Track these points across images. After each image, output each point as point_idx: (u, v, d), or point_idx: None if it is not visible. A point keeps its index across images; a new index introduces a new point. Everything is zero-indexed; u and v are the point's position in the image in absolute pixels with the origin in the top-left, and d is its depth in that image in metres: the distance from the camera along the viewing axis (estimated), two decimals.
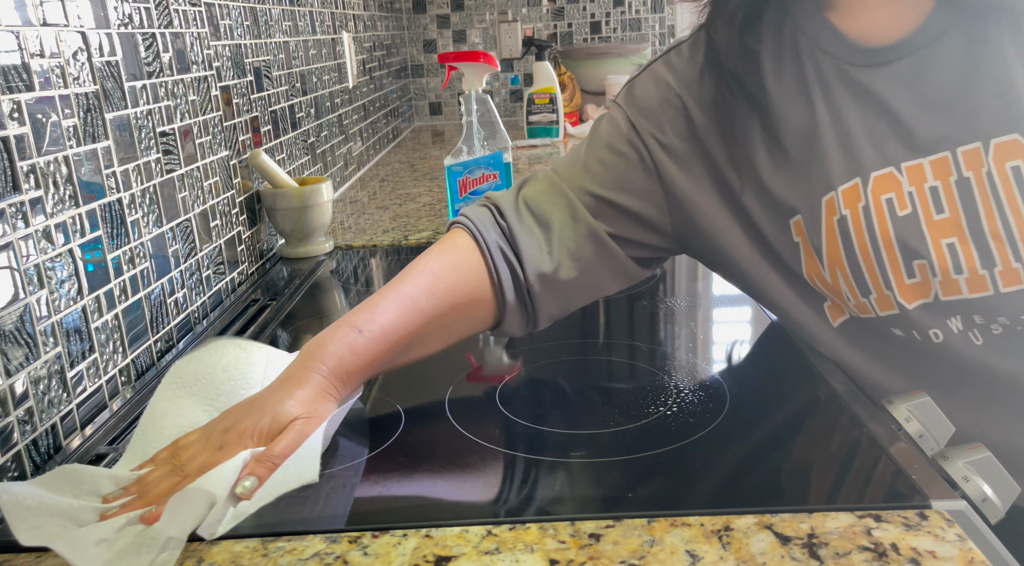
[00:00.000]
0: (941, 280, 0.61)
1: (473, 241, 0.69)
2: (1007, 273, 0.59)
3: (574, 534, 0.48)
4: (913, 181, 0.61)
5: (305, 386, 0.58)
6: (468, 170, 1.21)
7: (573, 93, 2.54)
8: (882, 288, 0.63)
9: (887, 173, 0.62)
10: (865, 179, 0.62)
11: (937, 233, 0.60)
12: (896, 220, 0.61)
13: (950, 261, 0.60)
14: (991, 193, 0.59)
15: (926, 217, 0.61)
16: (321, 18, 1.62)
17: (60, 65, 0.68)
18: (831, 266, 0.64)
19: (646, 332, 0.82)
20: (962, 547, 0.45)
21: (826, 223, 0.64)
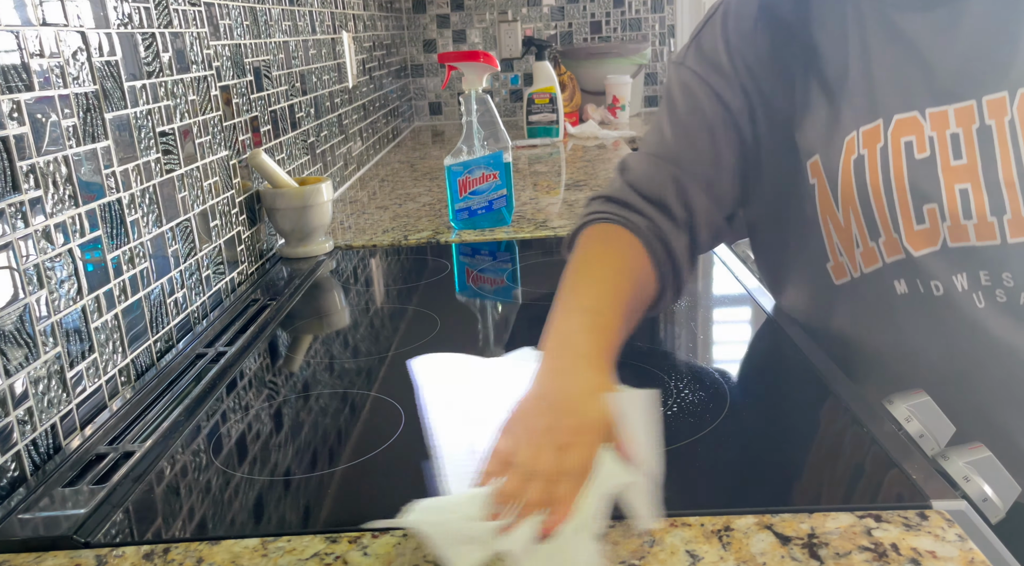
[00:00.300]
0: (950, 225, 0.61)
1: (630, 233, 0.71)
2: (1016, 222, 0.59)
3: None
4: (935, 126, 0.62)
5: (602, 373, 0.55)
6: (468, 170, 1.21)
7: (573, 93, 2.54)
8: (891, 231, 0.64)
9: (911, 117, 0.63)
10: (888, 121, 0.64)
11: (951, 178, 0.61)
12: (912, 163, 0.62)
13: (960, 206, 0.60)
14: (1011, 141, 0.59)
15: (943, 162, 0.61)
16: (321, 18, 1.62)
17: (60, 65, 0.68)
18: (845, 206, 0.65)
19: (646, 332, 0.82)
20: (962, 547, 0.45)
21: (843, 162, 0.65)
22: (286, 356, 0.83)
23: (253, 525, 0.52)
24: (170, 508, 0.55)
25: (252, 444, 0.63)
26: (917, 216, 0.62)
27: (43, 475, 0.60)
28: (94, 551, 0.51)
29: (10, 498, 0.57)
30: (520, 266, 1.08)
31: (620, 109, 2.53)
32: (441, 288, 1.00)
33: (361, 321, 0.91)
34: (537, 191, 1.53)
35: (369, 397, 0.70)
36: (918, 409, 0.60)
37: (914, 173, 0.62)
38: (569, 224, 1.25)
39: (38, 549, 0.51)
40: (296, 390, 0.73)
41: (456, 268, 1.08)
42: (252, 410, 0.69)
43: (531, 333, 0.83)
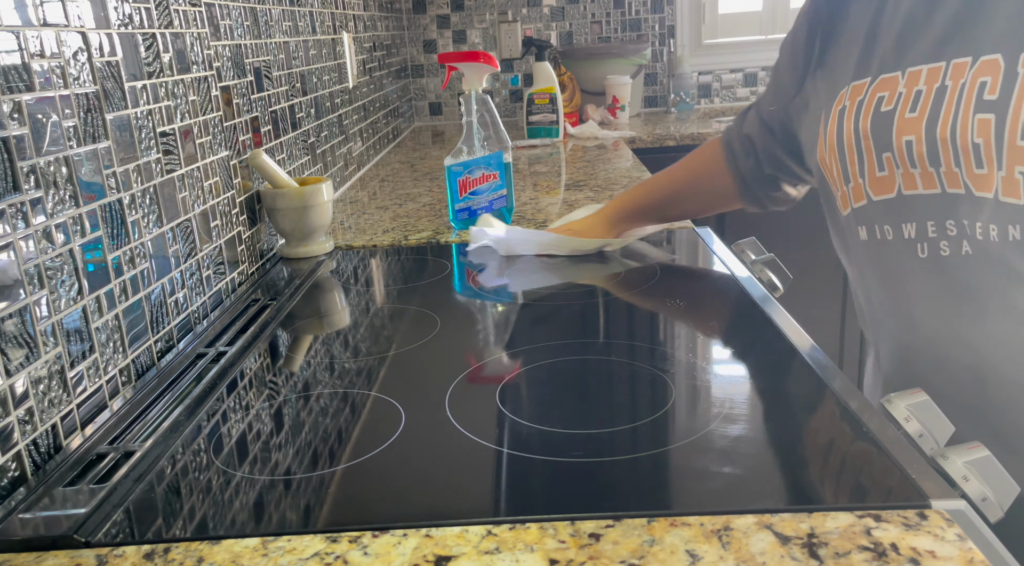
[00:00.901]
0: (902, 173, 0.68)
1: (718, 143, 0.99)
2: (949, 175, 0.65)
3: (574, 534, 0.48)
4: (908, 84, 0.68)
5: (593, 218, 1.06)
6: (468, 170, 1.21)
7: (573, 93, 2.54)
8: (857, 176, 0.72)
9: (893, 76, 0.70)
10: (874, 78, 0.71)
11: (902, 129, 0.67)
12: (878, 115, 0.70)
13: (907, 155, 0.67)
14: (953, 101, 0.64)
15: (900, 113, 0.68)
16: (321, 18, 1.62)
17: (60, 65, 0.68)
18: (828, 153, 0.75)
19: (646, 332, 0.82)
20: (962, 547, 0.45)
21: (833, 113, 0.74)
22: (286, 356, 0.83)
23: (253, 525, 0.52)
24: (170, 508, 0.55)
25: (252, 444, 0.63)
26: (879, 164, 0.70)
27: (44, 475, 0.60)
28: (95, 551, 0.51)
29: (11, 498, 0.57)
30: (520, 266, 1.08)
31: (620, 109, 2.53)
32: (441, 288, 1.00)
33: (361, 321, 0.91)
34: (537, 191, 1.53)
35: (369, 397, 0.70)
36: (917, 409, 0.60)
37: (876, 123, 0.69)
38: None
39: (39, 549, 0.52)
40: (296, 390, 0.73)
41: (456, 268, 1.08)
42: (252, 410, 0.69)
43: (531, 333, 0.83)
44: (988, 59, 0.63)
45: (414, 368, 0.76)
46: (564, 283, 0.99)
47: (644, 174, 1.64)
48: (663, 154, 2.27)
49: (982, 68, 0.63)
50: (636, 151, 2.24)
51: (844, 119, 0.72)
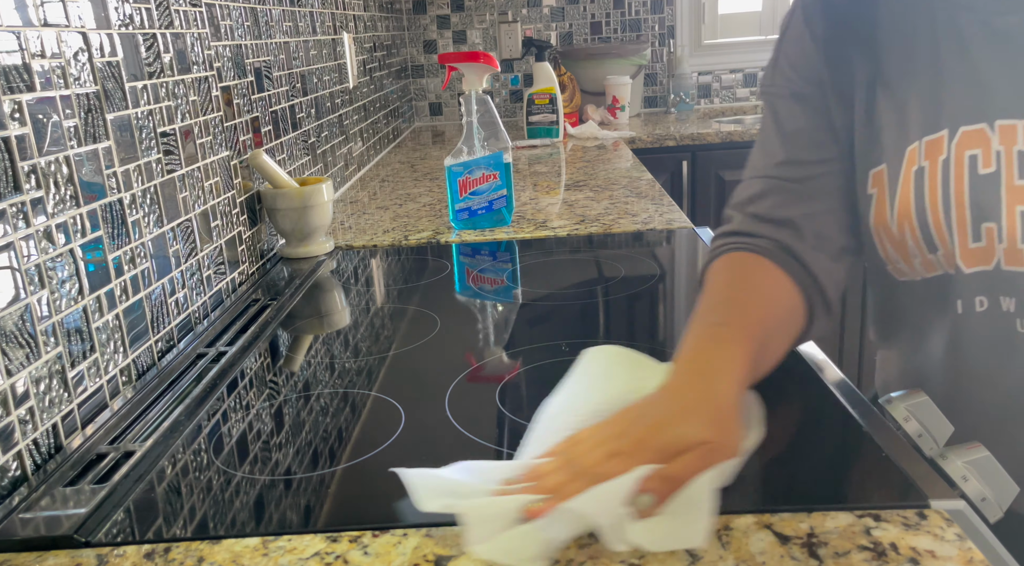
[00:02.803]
0: (1006, 248, 0.58)
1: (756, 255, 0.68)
2: None
3: None
4: (1004, 141, 0.58)
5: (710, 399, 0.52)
6: (468, 170, 1.22)
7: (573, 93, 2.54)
8: (947, 244, 0.61)
9: (978, 129, 0.60)
10: (953, 131, 0.61)
11: (1015, 198, 0.58)
12: (975, 178, 0.59)
13: (1020, 228, 0.57)
14: None
15: (1007, 179, 0.58)
16: (321, 18, 1.62)
17: (61, 65, 0.68)
18: (900, 220, 0.63)
19: (646, 332, 0.82)
20: (961, 547, 0.45)
21: (904, 173, 0.62)
22: (287, 356, 0.83)
23: (254, 525, 0.52)
24: (171, 507, 0.55)
25: (253, 443, 0.63)
26: (974, 233, 0.59)
27: (44, 474, 0.60)
28: (95, 550, 0.51)
29: (11, 497, 0.57)
30: (520, 266, 1.08)
31: (620, 110, 2.53)
32: (441, 288, 1.00)
33: (361, 321, 0.91)
34: (537, 191, 1.53)
35: (369, 397, 0.70)
36: (917, 409, 0.60)
37: (975, 189, 0.59)
38: (568, 224, 1.25)
39: (39, 548, 0.52)
40: (296, 390, 0.73)
41: (456, 268, 1.08)
42: (253, 410, 0.69)
43: (531, 333, 0.84)
44: None
45: (414, 368, 0.76)
46: (564, 283, 0.99)
47: (644, 174, 1.64)
48: (663, 154, 2.27)
49: None
50: (636, 151, 2.24)
51: (924, 183, 0.61)
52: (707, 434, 0.50)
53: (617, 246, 1.14)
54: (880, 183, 0.65)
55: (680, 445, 0.49)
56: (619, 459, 0.49)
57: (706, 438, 0.49)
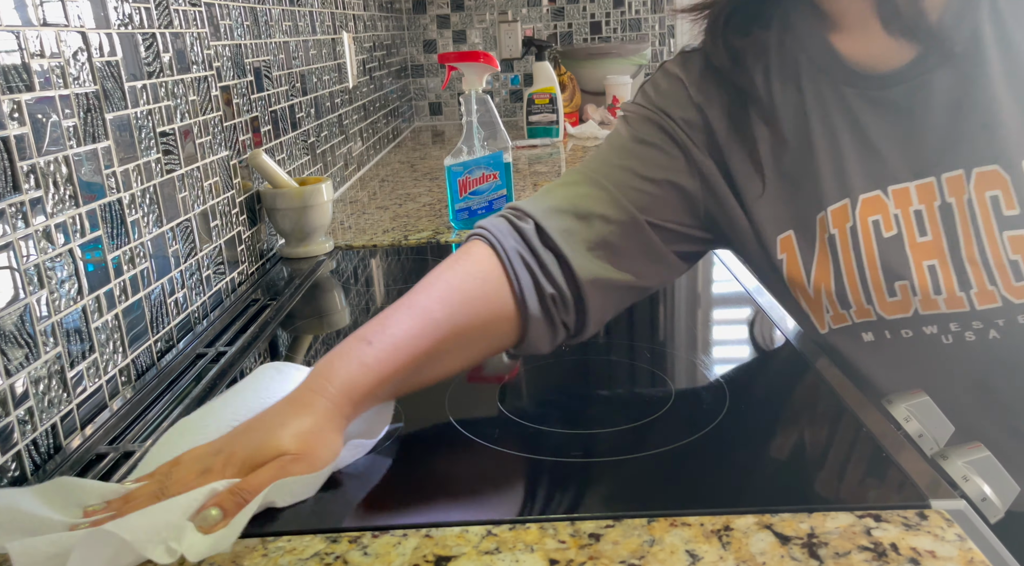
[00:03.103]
0: (921, 299, 0.62)
1: (491, 248, 0.64)
2: (982, 294, 0.61)
3: (574, 534, 0.48)
4: (899, 204, 0.63)
5: (306, 413, 0.53)
6: (468, 170, 1.21)
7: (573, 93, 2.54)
8: (863, 303, 0.65)
9: (875, 196, 0.64)
10: (854, 200, 0.64)
11: (919, 255, 0.62)
12: (881, 241, 0.63)
13: (930, 282, 0.62)
14: (970, 219, 0.60)
15: (910, 239, 0.62)
16: (321, 18, 1.62)
17: (60, 65, 0.68)
18: (816, 283, 0.66)
19: (646, 332, 0.82)
20: (962, 547, 0.45)
21: (819, 241, 0.66)
22: (286, 356, 0.83)
23: (253, 524, 0.52)
24: None
25: None
26: (889, 291, 0.63)
27: (43, 475, 0.60)
28: None
29: None
30: None
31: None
32: None
33: (361, 321, 0.90)
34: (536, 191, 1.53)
35: None
36: (917, 409, 0.60)
37: (884, 252, 0.63)
38: None
39: None
40: None
41: None
42: None
43: None
44: (984, 171, 0.59)
45: None
46: None
47: None
48: None
49: (982, 181, 0.59)
50: None
51: (838, 247, 0.64)
52: (288, 446, 0.51)
53: None
54: (789, 248, 0.67)
55: (262, 457, 0.51)
56: (208, 476, 0.51)
57: (286, 450, 0.51)
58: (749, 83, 0.68)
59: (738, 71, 0.69)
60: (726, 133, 0.69)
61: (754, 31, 0.70)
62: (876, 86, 0.64)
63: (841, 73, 0.65)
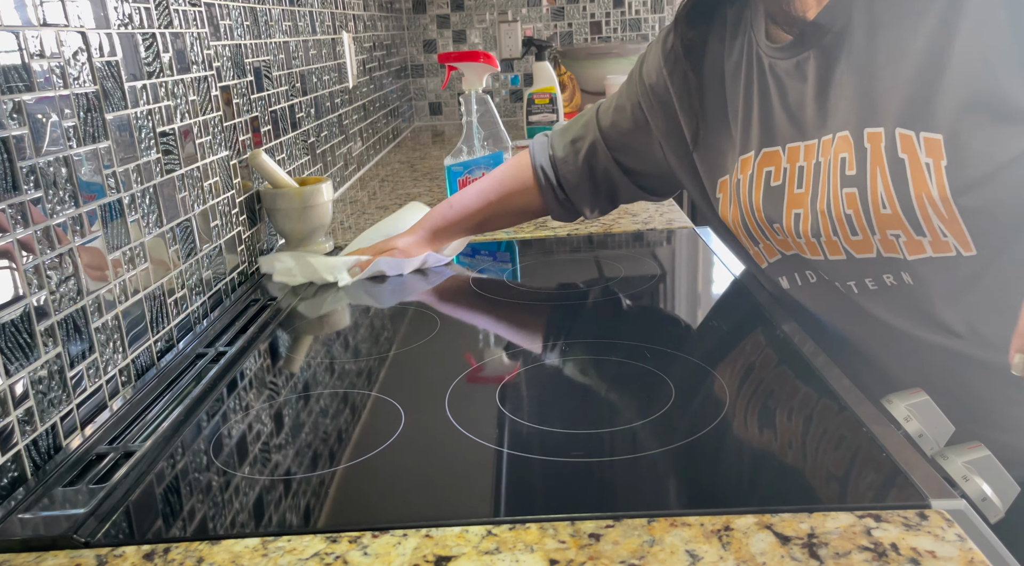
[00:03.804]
0: (788, 240, 0.75)
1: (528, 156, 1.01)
2: (829, 243, 0.71)
3: (574, 534, 0.48)
4: (790, 159, 0.74)
5: (411, 235, 1.06)
6: (468, 170, 1.21)
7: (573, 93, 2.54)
8: (764, 238, 0.78)
9: (774, 150, 0.75)
10: (758, 152, 0.77)
11: (791, 204, 0.73)
12: (768, 189, 0.75)
13: (794, 228, 0.73)
14: (827, 176, 0.70)
15: (789, 189, 0.73)
16: (321, 18, 1.62)
17: (60, 65, 0.68)
18: (732, 219, 0.81)
19: (646, 332, 0.82)
20: (962, 547, 0.45)
21: (731, 184, 0.80)
22: (286, 356, 0.83)
23: (253, 525, 0.52)
24: (170, 508, 0.55)
25: (252, 444, 0.63)
26: (772, 231, 0.76)
27: (43, 475, 0.60)
28: (94, 551, 0.51)
29: (10, 498, 0.57)
30: (520, 266, 1.08)
31: None
32: (441, 288, 1.00)
33: (361, 321, 0.91)
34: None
35: (369, 397, 0.70)
36: (917, 409, 0.60)
37: (767, 197, 0.75)
38: (568, 224, 1.25)
39: (38, 549, 0.52)
40: (296, 390, 0.73)
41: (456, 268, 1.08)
42: (252, 410, 0.69)
43: (531, 333, 0.83)
44: (841, 135, 0.68)
45: (414, 368, 0.76)
46: (564, 283, 0.99)
47: None
48: None
49: (839, 144, 0.68)
50: None
51: (740, 192, 0.78)
52: (396, 243, 1.06)
53: (617, 246, 1.14)
54: (724, 190, 0.82)
55: (386, 247, 1.05)
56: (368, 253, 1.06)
57: (395, 246, 1.05)
58: (697, 62, 0.83)
59: (689, 54, 0.83)
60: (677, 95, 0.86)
61: (708, 22, 0.83)
62: (778, 56, 0.74)
63: (763, 43, 0.76)
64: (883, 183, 0.65)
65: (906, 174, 0.64)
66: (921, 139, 0.63)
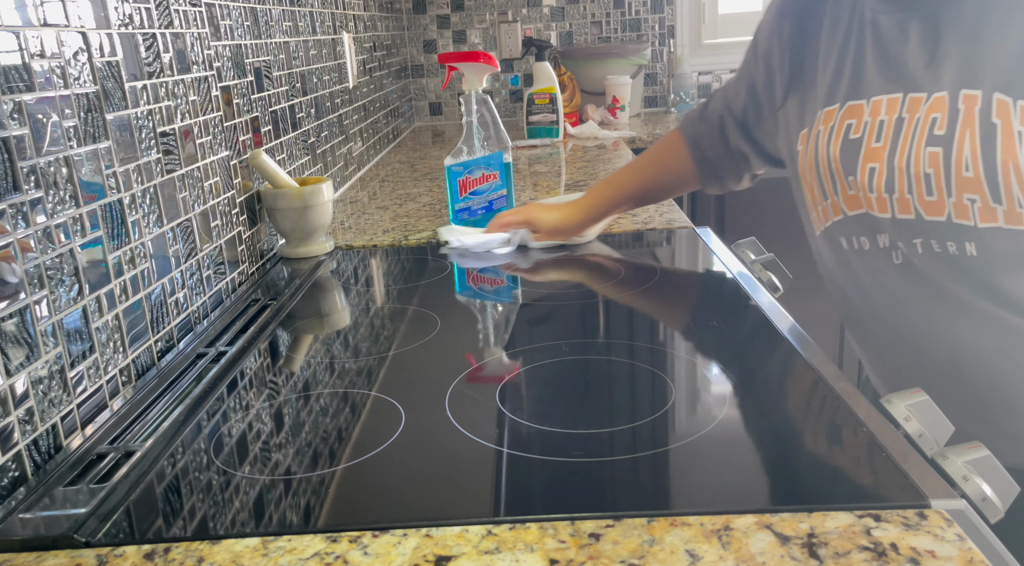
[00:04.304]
0: (863, 196, 0.75)
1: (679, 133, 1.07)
2: (901, 201, 0.72)
3: (574, 534, 0.48)
4: (872, 113, 0.75)
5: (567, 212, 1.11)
6: (468, 170, 1.21)
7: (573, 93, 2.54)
8: (832, 194, 0.79)
9: (859, 104, 0.76)
10: (843, 105, 0.78)
11: (867, 158, 0.74)
12: (846, 141, 0.76)
13: (867, 181, 0.74)
14: (912, 133, 0.70)
15: (867, 143, 0.74)
16: (321, 18, 1.62)
17: (60, 65, 0.68)
18: (807, 171, 0.82)
19: (646, 332, 0.82)
20: (961, 547, 0.45)
21: (813, 135, 0.81)
22: (286, 356, 0.83)
23: (253, 525, 0.52)
24: (171, 507, 0.55)
25: (253, 443, 0.63)
26: (848, 185, 0.77)
27: (44, 474, 0.60)
28: (95, 550, 0.51)
29: (11, 498, 0.57)
30: (520, 266, 1.08)
31: (620, 109, 2.53)
32: (441, 288, 1.00)
33: (361, 321, 0.91)
34: (537, 191, 1.53)
35: (369, 397, 0.70)
36: (917, 409, 0.60)
37: (844, 149, 0.76)
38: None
39: (39, 549, 0.52)
40: (296, 390, 0.73)
41: (456, 268, 1.08)
42: (253, 410, 0.69)
43: (531, 333, 0.83)
44: (938, 96, 0.69)
45: (414, 368, 0.76)
46: (564, 283, 0.99)
47: None
48: None
49: (934, 105, 0.69)
50: (636, 151, 2.24)
51: (819, 143, 0.79)
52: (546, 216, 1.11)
53: (617, 246, 1.14)
54: (804, 142, 0.83)
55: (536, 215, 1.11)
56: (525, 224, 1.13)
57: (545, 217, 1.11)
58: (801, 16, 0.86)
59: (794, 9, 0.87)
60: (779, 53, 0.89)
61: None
62: (882, 10, 0.75)
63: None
64: (970, 146, 0.66)
65: (996, 139, 0.64)
66: (1017, 107, 0.64)
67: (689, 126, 1.05)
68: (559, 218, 1.10)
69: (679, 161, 1.06)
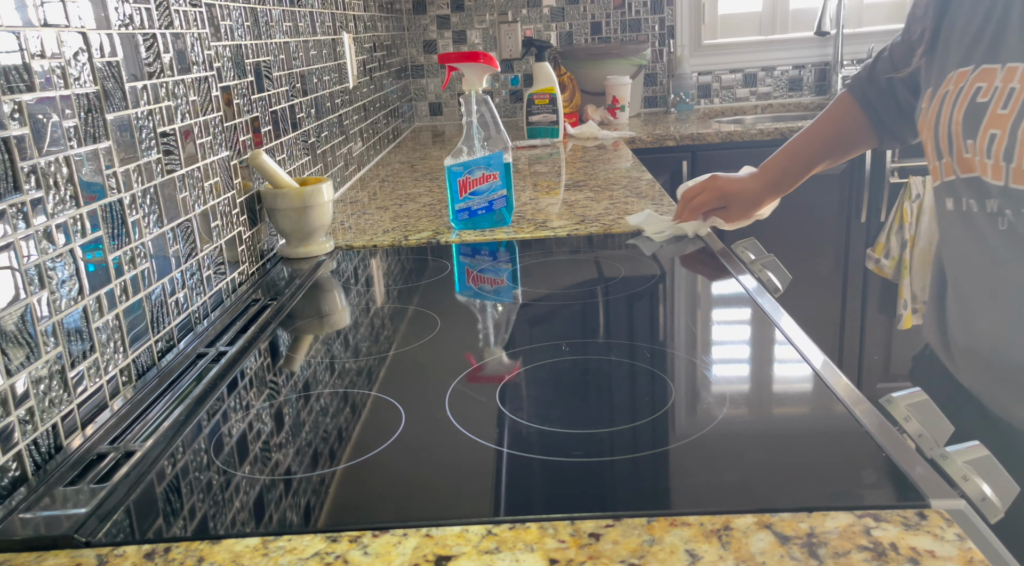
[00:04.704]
0: (973, 160, 0.75)
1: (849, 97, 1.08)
2: (1017, 172, 0.71)
3: (574, 534, 0.49)
4: (1005, 80, 0.74)
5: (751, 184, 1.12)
6: (468, 170, 1.21)
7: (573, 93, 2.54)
8: (947, 154, 0.79)
9: (992, 68, 0.76)
10: (976, 67, 0.77)
11: (991, 124, 0.73)
12: (972, 105, 0.76)
13: (987, 147, 0.74)
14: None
15: (993, 108, 0.74)
16: (321, 19, 1.62)
17: (61, 66, 0.69)
18: (926, 129, 0.82)
19: (646, 332, 0.82)
20: (961, 547, 0.45)
21: (939, 95, 0.81)
22: (287, 356, 0.83)
23: (253, 525, 0.52)
24: (171, 507, 0.55)
25: (253, 443, 0.63)
26: (965, 147, 0.76)
27: (44, 474, 0.60)
28: (95, 550, 0.51)
29: (11, 497, 0.57)
30: (520, 266, 1.08)
31: (620, 110, 2.53)
32: (441, 288, 1.00)
33: (361, 321, 0.91)
34: (537, 191, 1.53)
35: (369, 397, 0.70)
36: (917, 409, 0.60)
37: (969, 112, 0.76)
38: (568, 224, 1.25)
39: (39, 548, 0.52)
40: (297, 390, 0.73)
41: (456, 268, 1.08)
42: (253, 410, 0.69)
43: (531, 333, 0.84)
44: None
45: (414, 368, 0.76)
46: (564, 283, 0.99)
47: (644, 174, 1.64)
48: (663, 154, 2.27)
49: None
50: (636, 151, 2.25)
51: (943, 104, 0.79)
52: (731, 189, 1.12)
53: (617, 246, 1.14)
54: (928, 100, 0.83)
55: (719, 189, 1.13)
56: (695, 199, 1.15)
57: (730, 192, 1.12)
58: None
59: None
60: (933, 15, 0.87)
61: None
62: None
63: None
64: None
65: None
66: None
67: (859, 88, 1.06)
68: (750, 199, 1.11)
69: (854, 123, 1.08)
